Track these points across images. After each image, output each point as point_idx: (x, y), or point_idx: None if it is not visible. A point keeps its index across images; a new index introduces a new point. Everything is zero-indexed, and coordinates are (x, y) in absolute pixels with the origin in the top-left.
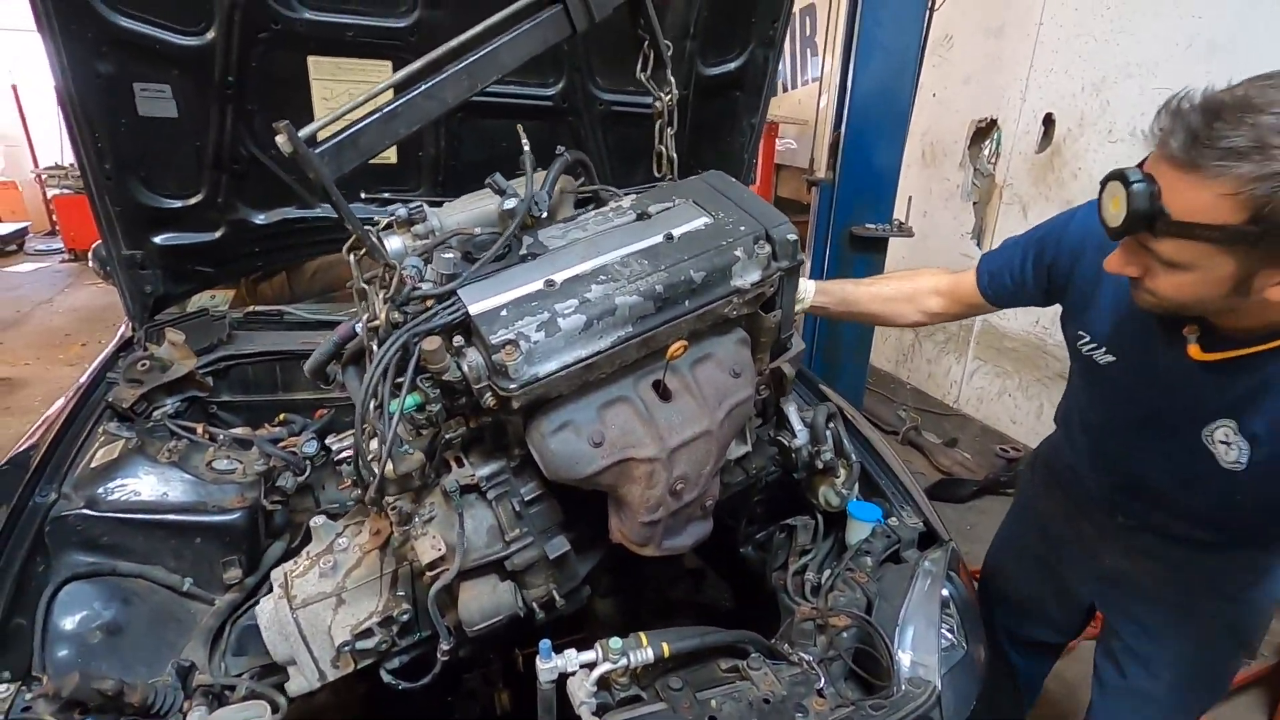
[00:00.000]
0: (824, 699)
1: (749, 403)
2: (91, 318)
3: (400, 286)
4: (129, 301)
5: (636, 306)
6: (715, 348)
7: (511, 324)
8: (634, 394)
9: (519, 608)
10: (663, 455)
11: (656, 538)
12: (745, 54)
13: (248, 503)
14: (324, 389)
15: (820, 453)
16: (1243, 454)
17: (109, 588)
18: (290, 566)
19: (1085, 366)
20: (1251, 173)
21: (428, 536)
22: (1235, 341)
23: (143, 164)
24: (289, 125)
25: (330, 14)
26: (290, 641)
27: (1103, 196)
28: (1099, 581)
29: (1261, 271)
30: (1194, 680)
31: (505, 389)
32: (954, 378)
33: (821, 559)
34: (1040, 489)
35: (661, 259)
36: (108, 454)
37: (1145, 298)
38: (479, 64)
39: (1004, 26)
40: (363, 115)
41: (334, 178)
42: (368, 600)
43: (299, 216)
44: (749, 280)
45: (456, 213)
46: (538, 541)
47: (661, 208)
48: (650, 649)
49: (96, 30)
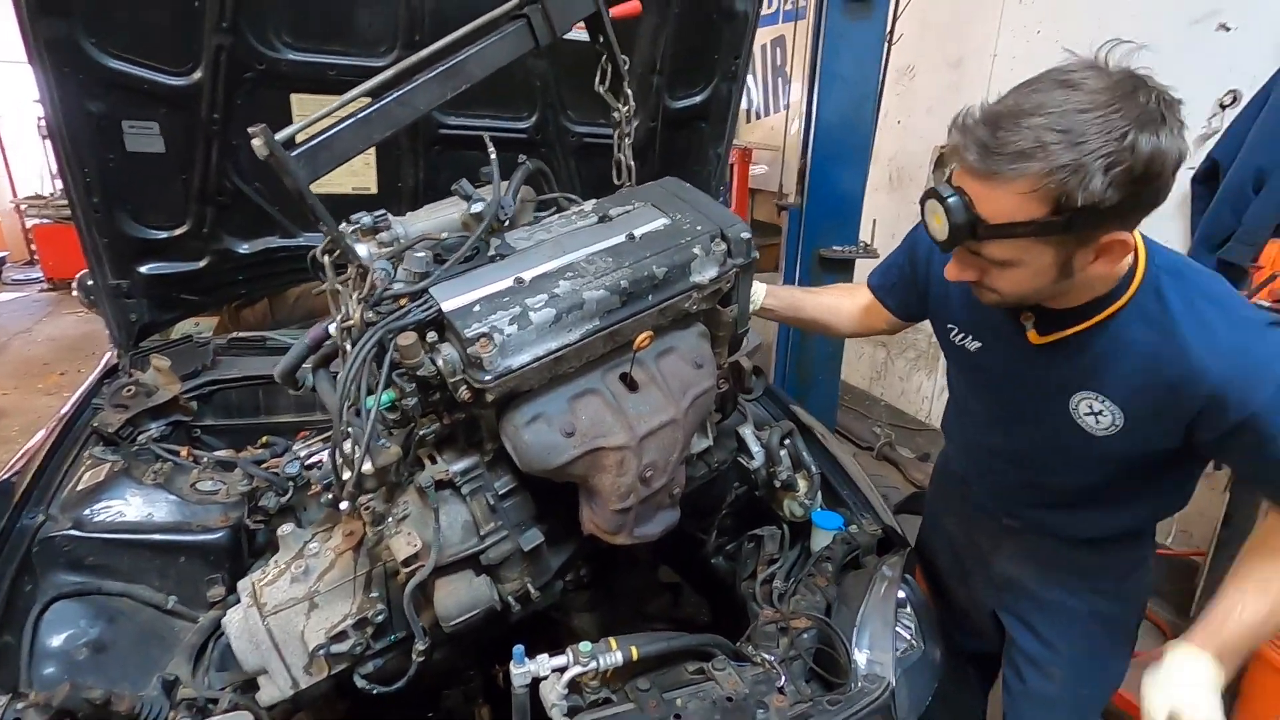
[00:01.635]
0: (784, 696)
1: (711, 393)
2: (71, 346)
3: (373, 288)
4: (114, 329)
5: (603, 301)
6: (677, 341)
7: (485, 318)
8: (603, 386)
9: (495, 601)
10: (632, 443)
11: (628, 526)
12: (709, 87)
13: (231, 522)
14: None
15: (777, 472)
16: (1116, 419)
17: (95, 606)
18: (258, 576)
19: (959, 357)
20: (1041, 169)
21: (402, 534)
22: (1069, 320)
23: (130, 197)
24: (265, 129)
25: (313, 54)
26: (261, 650)
27: (925, 215)
28: (995, 589)
29: (1078, 252)
30: (1086, 679)
31: (480, 381)
32: (925, 394)
33: (789, 567)
34: (940, 504)
35: (625, 256)
36: (94, 476)
37: (989, 296)
38: (448, 73)
39: (962, 59)
40: (337, 121)
41: (310, 181)
42: (341, 603)
43: (281, 245)
44: (707, 276)
45: (421, 220)
46: (512, 535)
47: (622, 210)
48: (619, 652)
49: (88, 71)
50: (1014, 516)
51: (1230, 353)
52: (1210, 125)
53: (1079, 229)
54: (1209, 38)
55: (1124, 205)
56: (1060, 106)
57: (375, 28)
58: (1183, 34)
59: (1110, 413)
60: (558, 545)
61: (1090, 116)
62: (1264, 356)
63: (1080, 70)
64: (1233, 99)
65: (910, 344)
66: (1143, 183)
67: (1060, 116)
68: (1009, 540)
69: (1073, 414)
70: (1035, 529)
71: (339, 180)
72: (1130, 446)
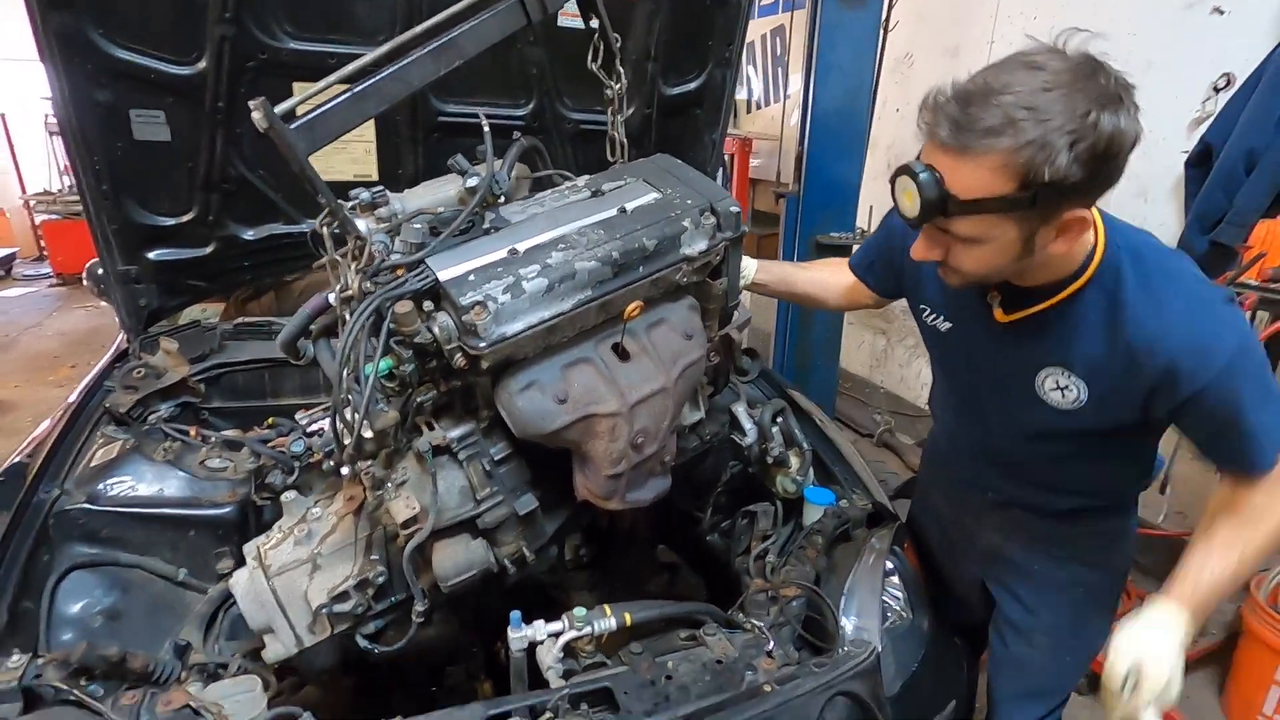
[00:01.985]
0: (773, 659)
1: (701, 363)
2: (79, 340)
3: (371, 259)
4: (124, 314)
5: (595, 271)
6: (668, 313)
7: (479, 287)
8: (595, 355)
9: (491, 564)
10: (624, 410)
11: (620, 491)
12: (704, 74)
13: (239, 498)
14: (305, 395)
15: (769, 448)
16: (1080, 393)
17: (109, 577)
18: (262, 540)
19: (933, 337)
20: (1010, 145)
21: (401, 498)
22: (1033, 299)
23: (138, 184)
24: (264, 101)
25: (314, 44)
26: (267, 609)
27: (895, 192)
28: (981, 560)
29: (1041, 229)
30: (1068, 645)
31: (475, 348)
32: (925, 381)
33: (782, 543)
34: (928, 480)
35: (616, 229)
36: (106, 454)
37: (951, 277)
38: (442, 48)
39: (959, 47)
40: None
41: (308, 154)
42: (343, 565)
43: (286, 232)
44: (697, 248)
45: (418, 197)
46: (507, 500)
47: (614, 185)
48: (613, 619)
49: (96, 62)
50: (995, 490)
51: (1183, 328)
52: (1204, 109)
53: (1043, 205)
54: (1203, 21)
55: (1085, 182)
56: (1026, 85)
57: (374, 17)
58: (1177, 18)
59: (1075, 387)
60: (552, 511)
61: (1055, 95)
62: (1215, 332)
63: (1042, 54)
64: (1226, 82)
65: (910, 331)
66: (1103, 160)
67: (1028, 95)
68: (993, 514)
69: (1039, 390)
70: (1016, 503)
71: (341, 168)
72: (1095, 420)
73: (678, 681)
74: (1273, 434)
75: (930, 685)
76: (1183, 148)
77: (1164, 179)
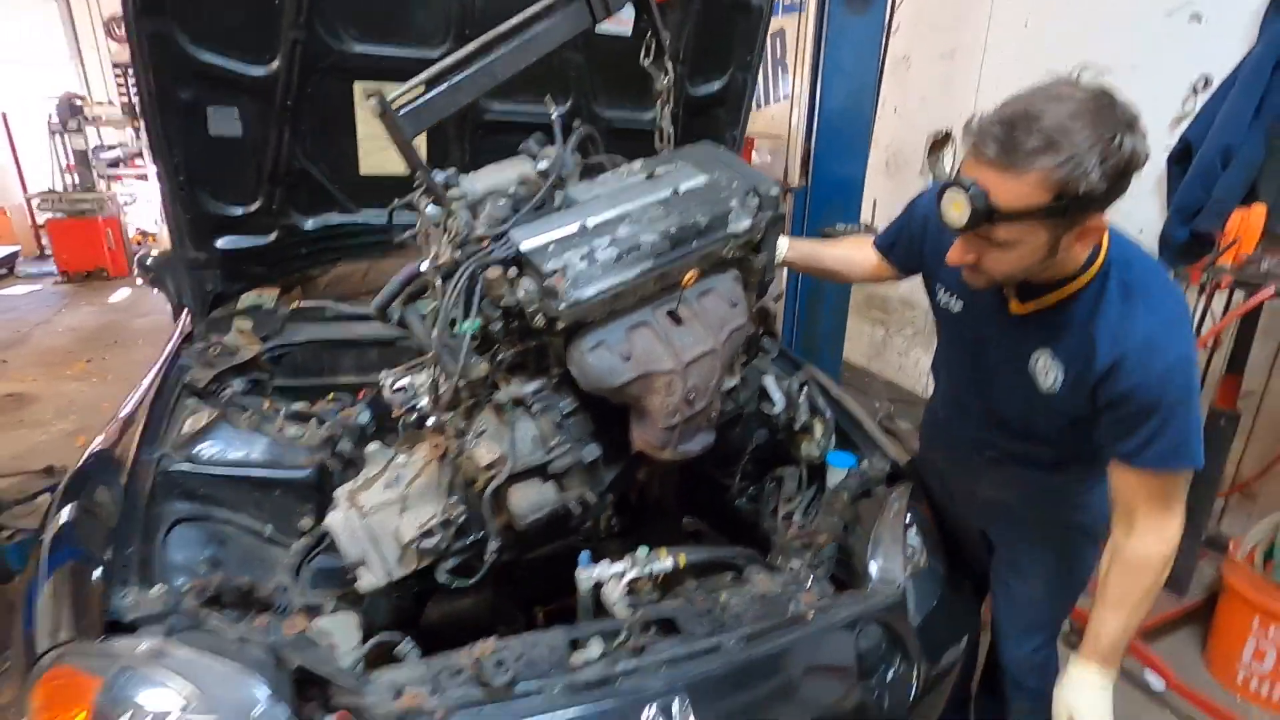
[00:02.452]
0: (811, 594)
1: (744, 330)
2: (91, 336)
3: (460, 231)
4: (191, 299)
5: (656, 244)
6: (716, 283)
7: (559, 256)
8: (653, 319)
9: (560, 505)
10: (679, 369)
11: (673, 442)
12: (726, 76)
13: (317, 461)
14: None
15: (796, 415)
16: (1057, 379)
17: (207, 531)
18: (351, 485)
19: (944, 316)
20: (1049, 164)
21: (483, 445)
22: (1043, 292)
23: (211, 177)
24: (380, 93)
25: (375, 46)
26: (362, 544)
27: (943, 204)
28: (981, 511)
29: (1066, 234)
30: (1060, 579)
31: (554, 310)
32: (923, 368)
33: (806, 504)
34: (929, 440)
35: (673, 207)
36: (196, 421)
37: (978, 279)
38: (520, 47)
39: (955, 51)
40: (431, 88)
41: (412, 137)
42: (428, 506)
43: (340, 222)
44: (742, 226)
45: (482, 179)
46: (574, 449)
47: (666, 169)
48: (669, 559)
49: (180, 63)
50: (992, 448)
51: (1141, 334)
52: (1184, 109)
53: (1072, 213)
54: (1182, 27)
55: (1107, 193)
56: (1059, 113)
57: (430, 23)
58: (1159, 25)
59: (1056, 372)
60: (609, 463)
61: (1084, 121)
62: (1166, 344)
63: (1064, 86)
64: (1204, 84)
65: (908, 321)
66: (1123, 174)
67: (1065, 120)
68: (990, 470)
69: (1030, 370)
70: (1010, 459)
71: (394, 162)
72: (1067, 403)
73: (731, 611)
74: (1185, 448)
75: (946, 623)
76: (1164, 144)
77: (1147, 175)
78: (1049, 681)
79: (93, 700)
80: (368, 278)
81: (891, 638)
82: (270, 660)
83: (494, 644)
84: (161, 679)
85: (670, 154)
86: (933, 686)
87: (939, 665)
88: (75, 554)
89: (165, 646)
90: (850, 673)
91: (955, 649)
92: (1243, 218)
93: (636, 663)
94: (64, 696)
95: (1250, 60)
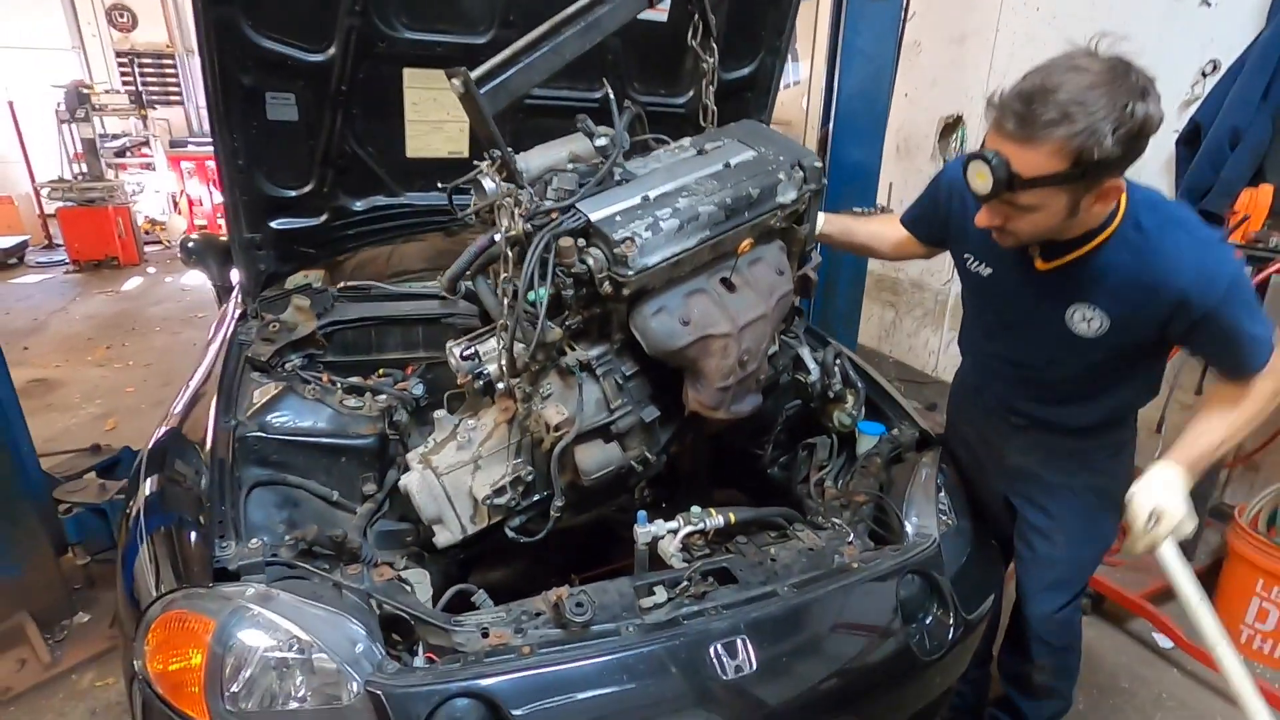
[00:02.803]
0: (853, 547)
1: (790, 296)
2: (109, 324)
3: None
4: (245, 278)
5: (712, 215)
6: (764, 253)
7: (626, 226)
8: (709, 286)
9: (624, 463)
10: (734, 332)
11: (726, 402)
12: (756, 61)
13: (378, 430)
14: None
15: (831, 384)
16: (1104, 323)
17: (281, 494)
18: (421, 449)
19: (972, 281)
20: (1065, 133)
21: (551, 406)
22: (1068, 249)
23: (267, 160)
24: (464, 71)
25: (425, 33)
26: (438, 501)
27: (969, 174)
28: (1007, 477)
29: (1085, 196)
30: (1084, 541)
31: (623, 276)
32: (931, 348)
33: (836, 471)
34: (957, 412)
35: (726, 180)
36: (264, 393)
37: (1007, 239)
38: (589, 26)
39: (965, 35)
40: (506, 67)
41: (493, 113)
42: (499, 466)
43: (387, 204)
44: (789, 197)
45: (536, 158)
46: (635, 410)
47: (715, 145)
48: (719, 517)
49: (243, 50)
50: (1019, 414)
51: (1193, 265)
52: (1193, 92)
53: (1089, 178)
54: (1192, 12)
55: (1122, 158)
56: (1075, 84)
57: (477, 8)
58: (1169, 9)
59: (1099, 318)
60: (665, 425)
61: (1100, 91)
62: (1216, 267)
63: (1082, 57)
64: (1213, 67)
65: (918, 303)
66: (1137, 140)
67: (1079, 92)
68: (1017, 436)
69: (1067, 322)
70: (1037, 425)
71: (437, 145)
72: (1115, 343)
73: (780, 563)
74: (1264, 342)
75: (975, 579)
76: (1174, 127)
77: (1157, 155)
78: (1073, 639)
79: (207, 640)
80: (391, 261)
81: (929, 587)
82: (364, 605)
83: (569, 589)
84: (271, 620)
85: (714, 132)
86: (964, 636)
87: (971, 616)
88: (167, 519)
89: (271, 591)
90: (893, 618)
91: (984, 603)
92: (1251, 197)
93: (699, 607)
94: (180, 638)
95: (1259, 44)
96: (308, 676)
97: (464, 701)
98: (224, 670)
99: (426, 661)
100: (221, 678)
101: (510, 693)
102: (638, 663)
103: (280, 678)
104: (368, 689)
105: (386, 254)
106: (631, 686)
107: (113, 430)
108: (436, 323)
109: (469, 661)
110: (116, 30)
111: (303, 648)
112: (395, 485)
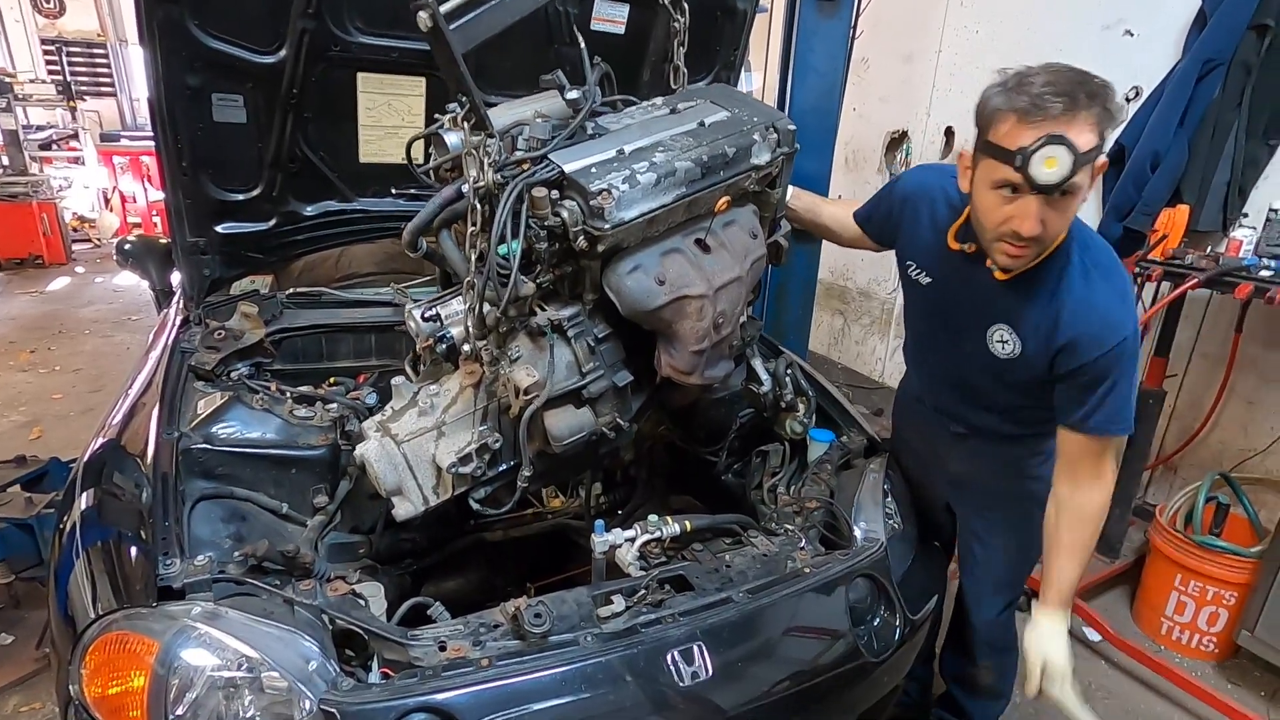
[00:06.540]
0: (805, 552)
1: (763, 260)
2: (32, 326)
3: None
4: (188, 284)
5: (689, 171)
6: (738, 215)
7: (603, 177)
8: (684, 246)
9: (595, 428)
10: (709, 293)
11: (700, 367)
12: (711, 75)
13: (329, 441)
14: (357, 359)
15: (783, 394)
16: (1016, 347)
17: (228, 508)
18: (380, 417)
19: (912, 289)
20: (1100, 109)
21: (521, 369)
22: None
23: (213, 162)
24: (433, 3)
25: (380, 38)
26: (399, 470)
27: (1032, 165)
28: (949, 485)
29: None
30: (1022, 545)
31: (599, 229)
32: (879, 355)
33: (789, 478)
34: (902, 419)
35: (702, 137)
36: (209, 403)
37: (1029, 250)
38: None
39: (912, 53)
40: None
41: (462, 51)
42: (464, 433)
43: (339, 209)
44: (764, 159)
45: (502, 114)
46: (608, 374)
47: (688, 105)
48: (676, 525)
49: (190, 50)
50: (958, 422)
51: (1096, 314)
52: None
53: (1098, 156)
54: (1116, 41)
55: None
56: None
57: None
58: (1095, 38)
59: (1013, 342)
60: (637, 392)
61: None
62: (1119, 323)
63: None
64: (1135, 93)
65: (865, 311)
66: None
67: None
68: (958, 445)
69: (987, 341)
70: (975, 433)
71: (392, 150)
72: (1023, 370)
73: (735, 569)
74: (1128, 411)
75: (919, 581)
76: None
77: None
78: (1012, 639)
79: (151, 663)
80: (340, 264)
81: (877, 590)
82: (317, 621)
83: (526, 601)
84: (217, 639)
85: (685, 92)
86: (910, 636)
87: (916, 616)
88: (106, 534)
89: (219, 609)
90: (844, 620)
91: (928, 603)
92: (1169, 216)
93: (656, 615)
94: (120, 660)
95: (1176, 74)
96: (257, 696)
97: (422, 716)
98: (168, 693)
99: (382, 677)
100: (165, 701)
101: (469, 706)
102: (596, 672)
103: (228, 698)
104: (322, 707)
105: (335, 256)
106: (590, 696)
107: (38, 439)
108: (389, 330)
109: (426, 676)
110: (42, 16)
111: (252, 666)
112: (346, 497)
